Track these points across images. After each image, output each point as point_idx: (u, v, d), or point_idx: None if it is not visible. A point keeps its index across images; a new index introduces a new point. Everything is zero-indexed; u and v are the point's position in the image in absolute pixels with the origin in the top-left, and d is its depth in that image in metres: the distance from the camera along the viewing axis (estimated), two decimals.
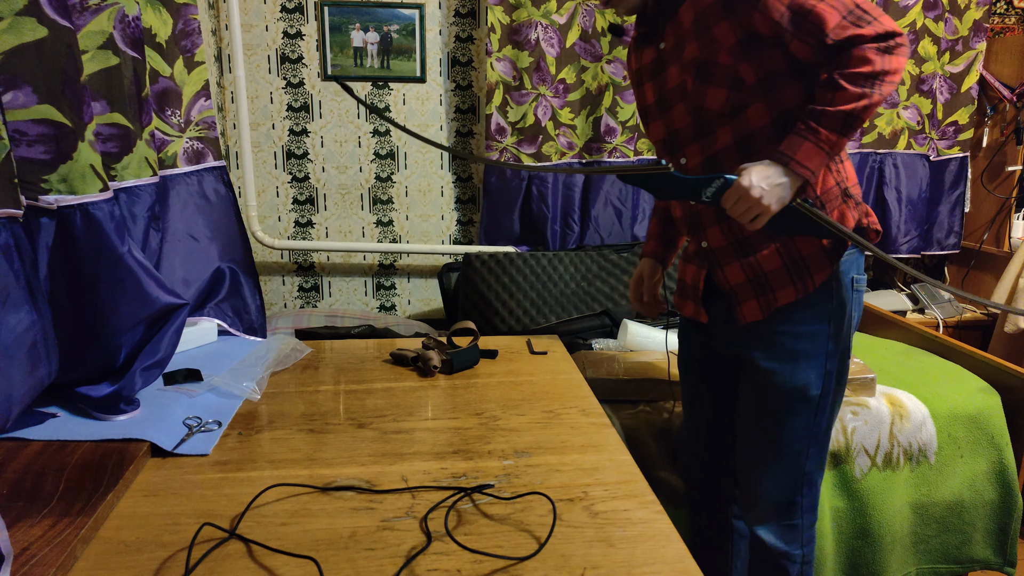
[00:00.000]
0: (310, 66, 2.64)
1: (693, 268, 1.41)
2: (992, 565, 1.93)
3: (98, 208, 1.09)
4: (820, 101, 1.17)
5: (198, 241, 1.51)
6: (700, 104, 1.26)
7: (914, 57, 2.80)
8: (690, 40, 1.25)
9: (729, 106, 1.24)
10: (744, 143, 1.25)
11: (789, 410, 1.31)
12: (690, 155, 1.31)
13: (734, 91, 1.23)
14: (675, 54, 1.29)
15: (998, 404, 1.92)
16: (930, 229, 2.99)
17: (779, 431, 1.33)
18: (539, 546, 0.81)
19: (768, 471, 1.35)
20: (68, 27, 1.04)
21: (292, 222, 2.77)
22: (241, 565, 0.78)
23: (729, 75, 1.23)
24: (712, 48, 1.23)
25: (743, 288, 1.32)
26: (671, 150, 1.34)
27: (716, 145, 1.27)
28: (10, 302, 0.95)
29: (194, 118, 1.52)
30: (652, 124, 1.38)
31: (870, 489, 1.82)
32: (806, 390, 1.30)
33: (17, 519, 0.82)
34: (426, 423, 1.16)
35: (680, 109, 1.30)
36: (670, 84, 1.31)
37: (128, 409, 1.12)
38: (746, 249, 1.30)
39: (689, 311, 1.44)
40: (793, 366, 1.30)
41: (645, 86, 1.38)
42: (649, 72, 1.36)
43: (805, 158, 1.16)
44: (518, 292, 2.50)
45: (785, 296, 1.28)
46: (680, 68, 1.27)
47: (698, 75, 1.24)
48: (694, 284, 1.40)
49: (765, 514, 1.38)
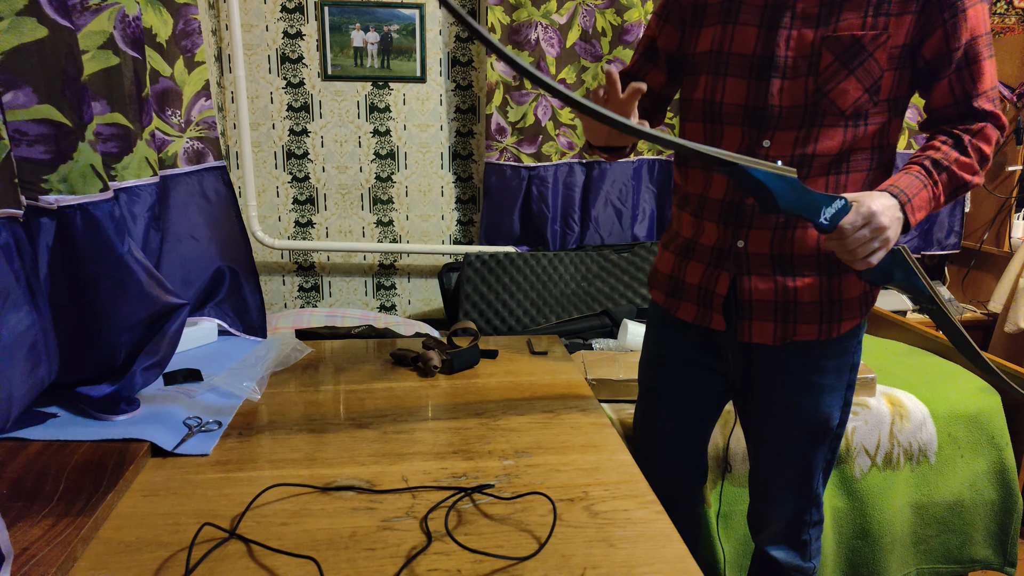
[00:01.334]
0: (310, 66, 2.64)
1: (704, 268, 1.22)
2: (992, 565, 1.93)
3: (98, 208, 1.09)
4: (942, 155, 1.07)
5: (198, 241, 1.51)
6: (826, 89, 1.07)
7: None
8: (851, 11, 1.05)
9: (853, 108, 1.07)
10: (844, 157, 1.11)
11: (812, 441, 1.26)
12: (781, 143, 1.11)
13: (868, 94, 1.07)
14: (815, 16, 1.06)
15: (998, 404, 1.92)
16: (930, 229, 2.98)
17: (800, 460, 1.28)
18: (539, 546, 0.81)
19: (784, 496, 1.32)
20: (68, 27, 1.04)
21: (292, 222, 2.77)
22: (241, 565, 0.78)
23: (873, 75, 1.06)
24: (878, 36, 1.04)
25: (763, 307, 1.18)
26: (754, 124, 1.12)
27: (817, 145, 1.09)
28: (10, 302, 0.95)
29: (194, 118, 1.52)
30: (732, 80, 1.12)
31: (870, 489, 1.82)
32: (828, 422, 1.24)
33: (17, 519, 0.82)
34: (426, 423, 1.16)
35: (795, 84, 1.08)
36: (793, 48, 1.08)
37: (128, 409, 1.12)
38: (786, 267, 1.15)
39: (690, 315, 1.26)
40: (817, 400, 1.22)
41: (739, 28, 1.11)
42: (756, 16, 1.10)
43: (919, 206, 1.04)
44: (518, 292, 2.50)
45: (807, 333, 1.17)
46: (820, 36, 1.06)
47: (844, 56, 1.05)
48: (707, 288, 1.22)
49: (777, 534, 1.36)
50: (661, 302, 1.32)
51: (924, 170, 1.06)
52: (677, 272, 1.27)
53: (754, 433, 1.34)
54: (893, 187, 1.04)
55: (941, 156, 1.07)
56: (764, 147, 1.11)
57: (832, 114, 1.08)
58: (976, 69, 1.07)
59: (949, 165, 1.07)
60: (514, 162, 2.65)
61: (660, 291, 1.32)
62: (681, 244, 1.27)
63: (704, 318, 1.23)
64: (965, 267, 3.00)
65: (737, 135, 1.14)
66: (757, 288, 1.17)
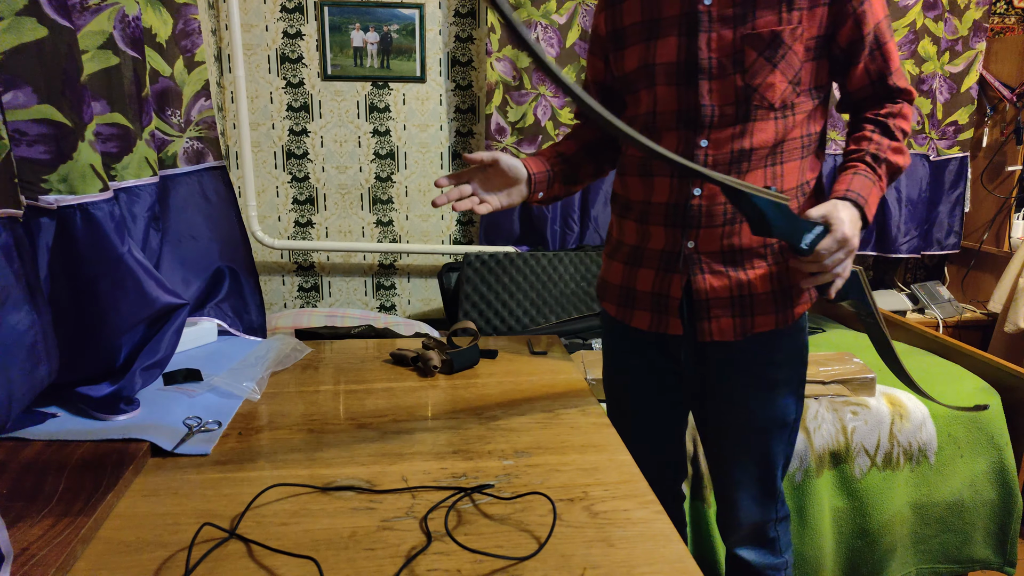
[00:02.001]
0: (310, 66, 2.64)
1: (655, 274, 1.23)
2: (992, 565, 1.93)
3: (98, 208, 1.09)
4: (876, 146, 1.13)
5: (198, 241, 1.51)
6: (755, 84, 1.11)
7: (914, 57, 2.80)
8: (766, 8, 1.10)
9: (781, 100, 1.12)
10: (779, 148, 1.15)
11: (772, 437, 1.28)
12: (717, 141, 1.14)
13: (792, 85, 1.12)
14: (731, 17, 1.11)
15: (998, 404, 1.92)
16: (930, 229, 2.99)
17: (760, 458, 1.30)
18: (539, 546, 0.82)
19: (748, 496, 1.33)
20: (68, 27, 1.04)
21: (292, 222, 2.77)
22: (241, 565, 0.78)
23: (794, 67, 1.11)
24: (795, 29, 1.10)
25: (720, 303, 1.19)
26: (689, 127, 1.15)
27: (752, 140, 1.13)
28: (10, 302, 0.95)
29: (194, 118, 1.52)
30: (663, 89, 1.17)
31: (870, 489, 1.82)
32: (786, 416, 1.27)
33: (17, 519, 0.82)
34: (426, 423, 1.16)
35: (724, 83, 1.12)
36: (715, 50, 1.12)
37: (128, 409, 1.12)
38: (737, 261, 1.18)
39: (645, 323, 1.27)
40: (773, 395, 1.25)
41: (661, 42, 1.16)
42: (675, 27, 1.15)
43: (872, 204, 1.11)
44: (518, 292, 2.50)
45: (765, 324, 1.20)
46: (740, 35, 1.10)
47: (767, 51, 1.10)
48: (661, 292, 1.23)
49: (745, 536, 1.36)
50: (613, 313, 1.33)
51: (869, 168, 1.13)
52: (628, 281, 1.28)
53: (713, 434, 1.35)
54: (851, 192, 1.10)
55: (876, 148, 1.14)
56: (702, 147, 1.15)
57: (763, 108, 1.12)
58: (886, 50, 1.14)
59: (886, 156, 1.14)
60: None
61: (611, 303, 1.33)
62: (628, 252, 1.28)
63: (660, 324, 1.25)
64: (965, 267, 3.00)
65: (674, 139, 1.17)
66: (712, 286, 1.19)
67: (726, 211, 1.16)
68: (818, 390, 1.90)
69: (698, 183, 1.16)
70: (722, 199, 1.15)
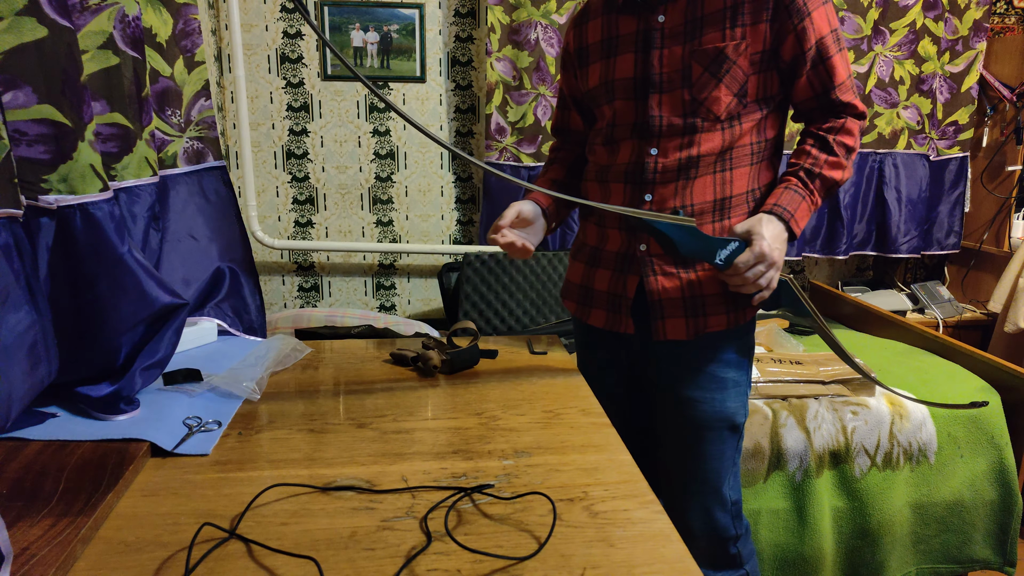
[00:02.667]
0: (310, 66, 2.64)
1: (611, 274, 1.30)
2: (992, 565, 1.93)
3: (98, 208, 1.09)
4: (812, 161, 1.18)
5: (198, 241, 1.51)
6: (701, 97, 1.17)
7: (914, 57, 2.80)
8: (711, 26, 1.16)
9: (726, 112, 1.18)
10: (727, 155, 1.21)
11: (717, 439, 1.29)
12: (666, 150, 1.21)
13: (737, 98, 1.18)
14: (682, 34, 1.18)
15: (998, 404, 1.92)
16: (930, 229, 2.99)
17: (705, 462, 1.30)
18: (539, 546, 0.82)
19: (699, 505, 1.32)
20: (68, 27, 1.04)
21: (292, 222, 2.77)
22: (241, 565, 0.78)
23: (739, 80, 1.17)
24: (738, 45, 1.15)
25: (672, 304, 1.25)
26: (642, 136, 1.22)
27: (700, 148, 1.19)
28: (10, 302, 0.95)
29: (194, 118, 1.52)
30: (620, 103, 1.24)
31: (870, 489, 1.82)
32: (734, 418, 1.29)
33: (17, 519, 0.82)
34: (426, 423, 1.16)
35: (673, 97, 1.19)
36: (666, 65, 1.19)
37: (128, 409, 1.12)
38: (687, 262, 1.23)
39: (600, 321, 1.33)
40: (724, 395, 1.27)
41: (620, 59, 1.24)
42: (631, 44, 1.22)
43: (801, 217, 1.16)
44: (518, 292, 2.50)
45: (717, 324, 1.24)
46: (688, 51, 1.17)
47: (712, 66, 1.16)
48: (616, 292, 1.29)
49: (703, 555, 1.34)
50: (573, 311, 1.41)
51: (801, 182, 1.18)
52: (586, 280, 1.36)
53: (662, 435, 1.35)
54: (777, 207, 1.16)
55: (811, 162, 1.19)
56: (652, 155, 1.22)
57: (709, 120, 1.18)
58: (829, 64, 1.18)
59: (820, 170, 1.18)
60: (514, 162, 2.65)
61: (572, 300, 1.41)
62: (589, 253, 1.36)
63: (615, 323, 1.31)
64: (965, 267, 3.00)
65: (628, 148, 1.24)
66: (664, 287, 1.25)
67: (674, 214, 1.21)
68: (818, 390, 1.90)
69: (648, 188, 1.22)
70: (671, 203, 1.22)
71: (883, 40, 2.76)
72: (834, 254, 2.89)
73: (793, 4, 1.14)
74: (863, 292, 2.98)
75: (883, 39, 2.76)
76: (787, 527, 1.79)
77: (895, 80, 2.81)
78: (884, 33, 2.76)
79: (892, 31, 2.76)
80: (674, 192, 1.21)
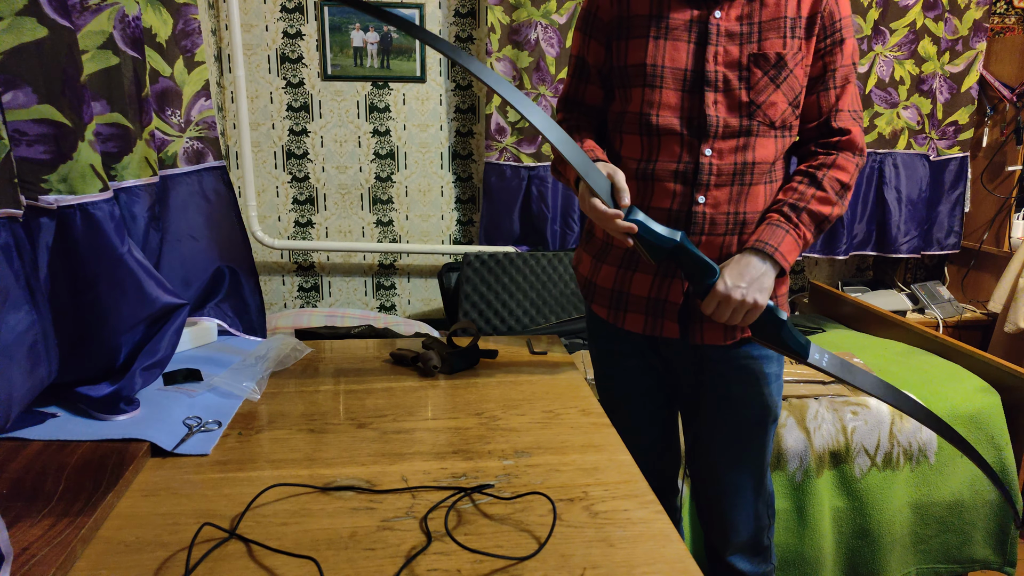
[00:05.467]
0: (310, 66, 2.64)
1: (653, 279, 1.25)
2: (992, 565, 1.93)
3: (98, 208, 1.09)
4: (798, 196, 1.17)
5: (198, 241, 1.51)
6: (759, 101, 1.15)
7: (914, 57, 2.80)
8: (771, 32, 1.14)
9: (781, 120, 1.17)
10: (776, 165, 1.21)
11: (763, 434, 1.31)
12: (720, 151, 1.17)
13: (792, 107, 1.18)
14: (738, 35, 1.15)
15: (998, 404, 1.92)
16: (930, 229, 2.99)
17: (755, 457, 1.32)
18: (539, 546, 0.81)
19: (746, 502, 1.34)
20: (68, 27, 1.04)
21: (292, 222, 2.77)
22: (241, 565, 0.78)
23: (795, 90, 1.17)
24: (795, 55, 1.15)
25: None
26: (693, 134, 1.17)
27: (754, 154, 1.17)
28: (10, 302, 0.95)
29: (194, 118, 1.52)
30: (670, 92, 1.18)
31: (870, 489, 1.82)
32: (776, 410, 1.31)
33: (17, 519, 0.82)
34: (426, 423, 1.16)
35: (730, 97, 1.15)
36: (721, 64, 1.15)
37: (128, 409, 1.12)
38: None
39: (638, 326, 1.29)
40: (769, 389, 1.28)
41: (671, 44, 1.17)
42: (685, 33, 1.16)
43: (787, 251, 1.15)
44: (518, 292, 2.50)
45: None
46: (747, 53, 1.14)
47: (772, 71, 1.14)
48: (660, 297, 1.25)
49: (743, 545, 1.37)
50: (604, 316, 1.34)
51: (784, 217, 1.17)
52: (620, 285, 1.29)
53: (707, 437, 1.36)
54: (759, 242, 1.15)
55: (797, 198, 1.17)
56: (707, 155, 1.17)
57: (765, 124, 1.16)
58: (841, 91, 1.19)
59: (806, 205, 1.17)
60: (514, 162, 2.65)
61: (603, 305, 1.33)
62: (621, 256, 1.28)
63: (655, 327, 1.27)
64: (965, 267, 3.00)
65: (676, 144, 1.18)
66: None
67: (728, 220, 1.18)
68: (818, 390, 1.90)
69: (702, 191, 1.18)
70: (725, 208, 1.17)
71: (883, 40, 2.77)
72: (834, 254, 2.89)
73: (833, 26, 1.16)
74: (863, 292, 2.98)
75: (883, 39, 2.76)
76: (787, 527, 1.79)
77: (895, 80, 2.81)
78: (884, 33, 2.76)
79: (892, 31, 2.76)
80: (729, 197, 1.18)
